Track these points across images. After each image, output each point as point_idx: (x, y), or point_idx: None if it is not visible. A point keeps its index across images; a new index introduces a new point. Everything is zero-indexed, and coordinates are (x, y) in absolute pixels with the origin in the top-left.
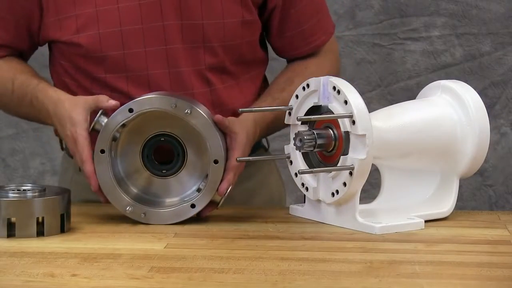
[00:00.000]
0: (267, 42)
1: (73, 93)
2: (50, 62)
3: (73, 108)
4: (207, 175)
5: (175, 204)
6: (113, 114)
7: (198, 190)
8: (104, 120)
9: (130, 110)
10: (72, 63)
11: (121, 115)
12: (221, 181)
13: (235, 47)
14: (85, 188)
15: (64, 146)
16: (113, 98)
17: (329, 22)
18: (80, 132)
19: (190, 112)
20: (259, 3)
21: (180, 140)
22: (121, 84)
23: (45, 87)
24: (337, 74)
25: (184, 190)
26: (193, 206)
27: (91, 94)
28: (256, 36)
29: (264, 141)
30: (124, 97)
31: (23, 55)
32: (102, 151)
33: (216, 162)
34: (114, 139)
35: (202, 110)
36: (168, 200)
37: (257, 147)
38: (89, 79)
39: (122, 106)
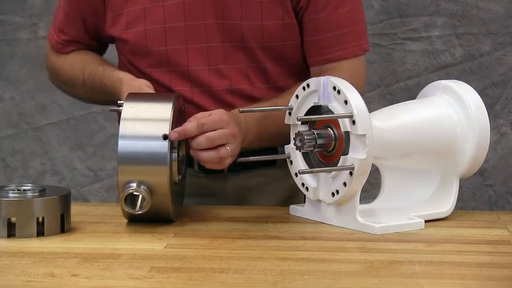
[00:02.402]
0: None
1: None
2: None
3: (134, 84)
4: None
5: None
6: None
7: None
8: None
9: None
10: (125, 58)
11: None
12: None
13: (275, 48)
14: None
15: None
16: (156, 89)
17: (355, 41)
18: (142, 86)
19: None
20: (294, 7)
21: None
22: (164, 78)
23: (109, 72)
24: None
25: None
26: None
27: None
28: (298, 40)
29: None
30: (167, 90)
31: (95, 51)
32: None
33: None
34: None
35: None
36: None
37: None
38: (139, 73)
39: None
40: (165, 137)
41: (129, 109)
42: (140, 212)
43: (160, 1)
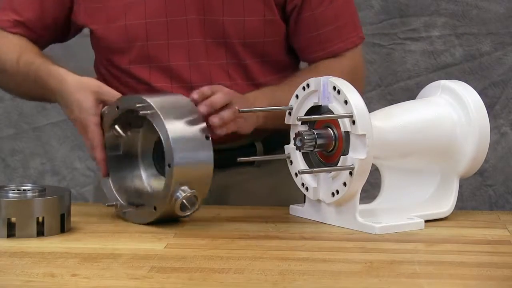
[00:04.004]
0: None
1: (107, 82)
2: (95, 58)
3: (79, 91)
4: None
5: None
6: (107, 113)
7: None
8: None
9: (117, 108)
10: (103, 54)
11: (112, 114)
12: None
13: (257, 45)
14: None
15: None
16: (137, 88)
17: (352, 31)
18: (90, 119)
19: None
20: (281, 4)
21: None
22: (144, 74)
23: (48, 65)
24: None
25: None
26: (155, 208)
27: (121, 83)
28: (280, 37)
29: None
30: (147, 86)
31: (37, 43)
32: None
33: (169, 166)
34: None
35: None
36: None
37: (284, 143)
38: (117, 69)
39: (111, 103)
40: (207, 137)
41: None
42: (192, 213)
43: None
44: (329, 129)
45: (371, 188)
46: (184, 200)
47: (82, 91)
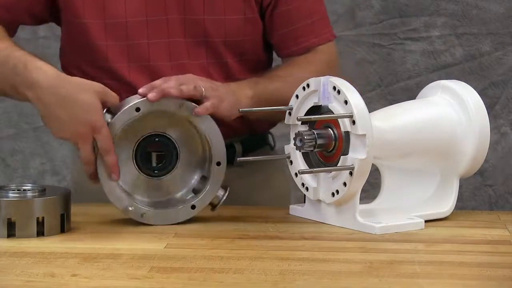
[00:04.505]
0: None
1: None
2: (60, 53)
3: (82, 92)
4: (203, 176)
5: (174, 205)
6: (119, 113)
7: (194, 190)
8: (108, 118)
9: (137, 109)
10: (80, 51)
11: (127, 114)
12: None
13: (237, 44)
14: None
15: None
16: (114, 86)
17: (325, 27)
18: (100, 120)
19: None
20: (260, 1)
21: (174, 141)
22: (123, 72)
23: (34, 58)
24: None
25: (176, 191)
26: (193, 207)
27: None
28: (259, 35)
29: (270, 139)
30: (126, 85)
31: (10, 26)
32: None
33: (218, 164)
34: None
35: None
36: (161, 200)
37: (262, 145)
38: (94, 68)
39: (129, 105)
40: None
41: None
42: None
43: None
44: (329, 129)
45: (371, 188)
46: (222, 199)
47: (85, 91)
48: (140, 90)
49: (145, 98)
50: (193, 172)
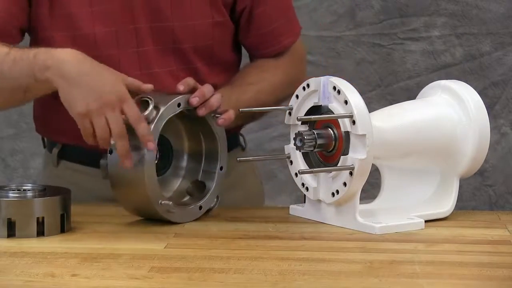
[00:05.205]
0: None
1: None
2: None
3: (106, 69)
4: (196, 180)
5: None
6: (166, 107)
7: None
8: (153, 113)
9: (178, 105)
10: None
11: (172, 109)
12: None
13: (206, 48)
14: (66, 183)
15: (45, 144)
16: None
17: (296, 23)
18: (126, 92)
19: (214, 116)
20: (230, 5)
21: (169, 141)
22: None
23: (42, 49)
24: (298, 75)
25: (168, 191)
26: (200, 207)
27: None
28: (228, 37)
29: (241, 140)
30: None
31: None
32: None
33: (221, 169)
34: None
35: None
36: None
37: (234, 146)
38: None
39: (172, 101)
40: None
41: None
42: None
43: (88, 7)
44: (329, 129)
45: (371, 188)
46: (217, 203)
47: (108, 69)
48: (193, 101)
49: (185, 95)
50: (187, 174)
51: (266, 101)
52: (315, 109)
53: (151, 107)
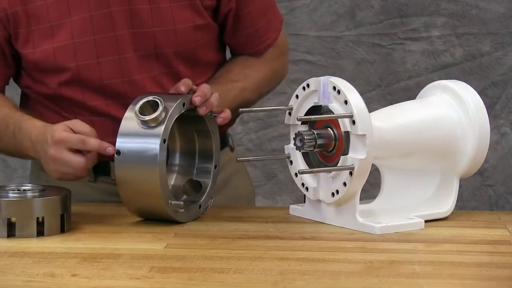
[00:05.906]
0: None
1: (37, 106)
2: (18, 82)
3: (43, 132)
4: (191, 179)
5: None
6: (174, 107)
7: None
8: (163, 114)
9: (183, 105)
10: (32, 76)
11: (178, 109)
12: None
13: (188, 51)
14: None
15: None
16: (71, 108)
17: (278, 16)
18: (58, 128)
19: (211, 116)
20: (212, 7)
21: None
22: (76, 94)
23: (30, 118)
24: (280, 68)
25: None
26: (200, 207)
27: (55, 104)
28: (211, 39)
29: (230, 141)
30: (81, 107)
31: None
32: (164, 141)
33: (216, 167)
34: None
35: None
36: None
37: (223, 146)
38: (48, 91)
39: (178, 101)
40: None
41: None
42: None
43: (67, 17)
44: (329, 129)
45: (371, 188)
46: (211, 202)
47: (47, 129)
48: (196, 100)
49: (188, 95)
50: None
51: (250, 98)
52: (315, 109)
53: (161, 108)
